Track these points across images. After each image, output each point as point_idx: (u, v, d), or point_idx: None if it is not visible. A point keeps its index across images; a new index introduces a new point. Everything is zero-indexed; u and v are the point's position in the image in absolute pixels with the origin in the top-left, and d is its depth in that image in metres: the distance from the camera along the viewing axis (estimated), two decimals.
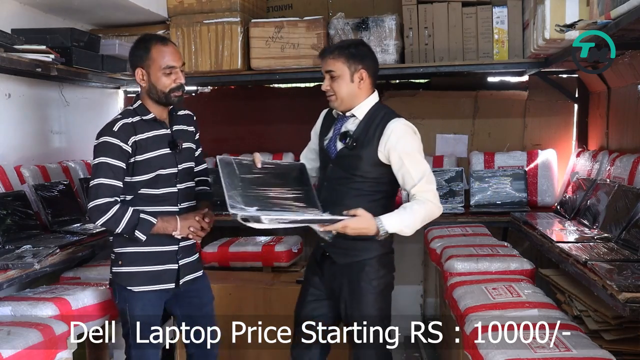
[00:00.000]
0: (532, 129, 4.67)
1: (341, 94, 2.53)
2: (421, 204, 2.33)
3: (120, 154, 2.46)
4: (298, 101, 4.97)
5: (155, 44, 2.52)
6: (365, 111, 2.52)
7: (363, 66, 2.52)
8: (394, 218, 2.33)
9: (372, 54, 2.60)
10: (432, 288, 4.81)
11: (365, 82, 2.53)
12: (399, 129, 2.42)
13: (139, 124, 2.52)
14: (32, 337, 2.22)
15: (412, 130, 2.45)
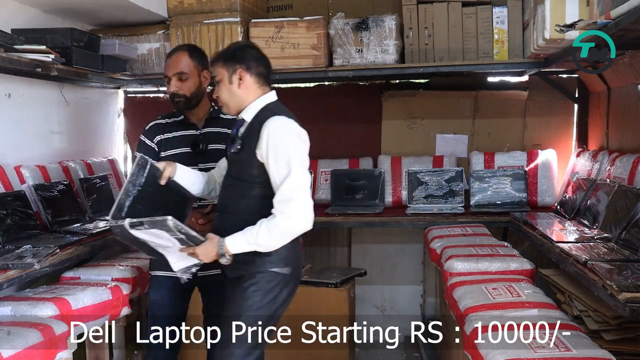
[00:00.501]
0: (532, 129, 4.66)
1: (223, 98, 2.43)
2: (269, 220, 2.24)
3: (147, 149, 2.76)
4: (298, 101, 4.96)
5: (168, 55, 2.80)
6: (254, 113, 2.42)
7: (241, 67, 2.40)
8: (237, 237, 2.27)
9: (256, 54, 2.48)
10: (432, 288, 4.80)
11: (247, 83, 2.41)
12: (272, 126, 2.31)
13: (170, 124, 2.82)
14: (32, 337, 2.22)
15: (287, 129, 2.33)
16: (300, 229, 2.29)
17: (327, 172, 4.63)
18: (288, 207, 2.24)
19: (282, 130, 2.32)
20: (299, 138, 2.34)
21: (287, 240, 2.31)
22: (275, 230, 2.25)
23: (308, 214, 2.27)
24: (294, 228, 2.28)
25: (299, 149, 2.32)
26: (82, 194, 3.82)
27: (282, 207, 2.24)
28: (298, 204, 2.24)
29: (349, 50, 4.04)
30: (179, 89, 2.74)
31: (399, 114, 4.77)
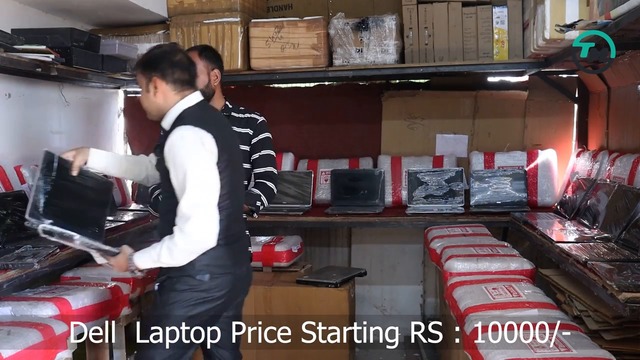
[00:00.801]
0: (532, 129, 4.66)
1: (144, 106, 2.42)
2: (170, 239, 2.22)
3: None
4: (298, 101, 4.97)
5: None
6: (171, 122, 2.36)
7: (156, 74, 2.34)
8: (145, 254, 2.28)
9: (167, 57, 2.36)
10: (432, 288, 4.80)
11: (162, 90, 2.35)
12: (173, 138, 2.24)
13: None
14: (32, 337, 2.22)
15: (186, 141, 2.23)
16: (200, 248, 2.24)
17: (327, 172, 4.64)
18: (186, 225, 2.18)
19: (181, 142, 2.23)
20: (202, 147, 2.23)
21: (191, 257, 2.25)
22: (174, 249, 2.21)
23: (206, 232, 2.21)
24: (193, 248, 2.23)
25: (198, 161, 2.22)
26: None
27: (181, 225, 2.19)
28: (195, 222, 2.18)
29: (349, 50, 4.04)
30: None
31: (399, 114, 4.77)
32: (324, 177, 4.67)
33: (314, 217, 4.27)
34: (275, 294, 3.76)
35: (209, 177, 2.24)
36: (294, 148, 4.87)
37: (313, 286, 3.73)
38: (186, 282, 2.32)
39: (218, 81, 2.87)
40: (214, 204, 2.24)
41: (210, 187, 2.24)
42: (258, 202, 2.85)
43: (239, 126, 2.90)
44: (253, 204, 2.83)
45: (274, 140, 3.68)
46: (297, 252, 4.19)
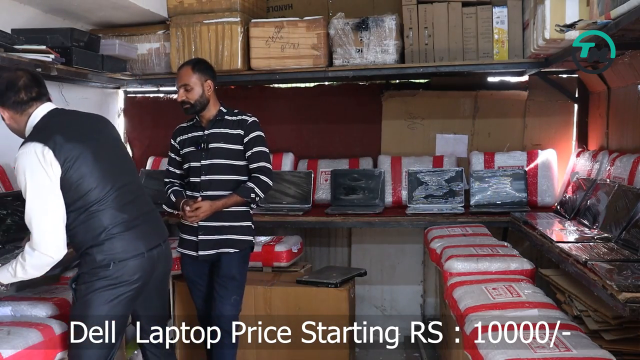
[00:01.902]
0: (532, 129, 4.66)
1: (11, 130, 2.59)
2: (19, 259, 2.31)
3: (172, 148, 3.37)
4: (298, 101, 4.97)
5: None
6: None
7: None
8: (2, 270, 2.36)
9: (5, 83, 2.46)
10: (432, 288, 4.80)
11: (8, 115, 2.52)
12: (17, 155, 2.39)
13: (188, 127, 3.32)
14: (32, 337, 2.22)
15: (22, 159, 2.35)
16: (44, 261, 2.29)
17: (327, 172, 4.64)
18: (31, 240, 2.28)
19: (18, 160, 2.34)
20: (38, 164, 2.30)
21: (43, 270, 2.32)
22: (25, 264, 2.29)
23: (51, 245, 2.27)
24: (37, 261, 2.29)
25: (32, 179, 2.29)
26: None
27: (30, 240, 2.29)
28: (37, 239, 2.26)
29: (349, 50, 4.04)
30: (185, 98, 3.19)
31: (399, 114, 4.77)
32: (324, 177, 4.67)
33: (314, 217, 4.27)
34: (275, 294, 3.76)
35: (44, 197, 2.29)
36: (294, 148, 4.87)
37: (313, 286, 3.73)
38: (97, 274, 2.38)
39: (211, 90, 3.25)
40: (54, 220, 2.29)
41: (46, 206, 2.29)
42: (252, 194, 3.19)
43: (232, 128, 3.24)
44: (247, 196, 3.20)
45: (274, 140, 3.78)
46: (297, 252, 4.19)
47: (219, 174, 3.23)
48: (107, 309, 2.41)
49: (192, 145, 3.25)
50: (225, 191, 3.22)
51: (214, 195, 3.20)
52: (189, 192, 3.29)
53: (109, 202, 2.41)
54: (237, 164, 3.26)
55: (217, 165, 3.22)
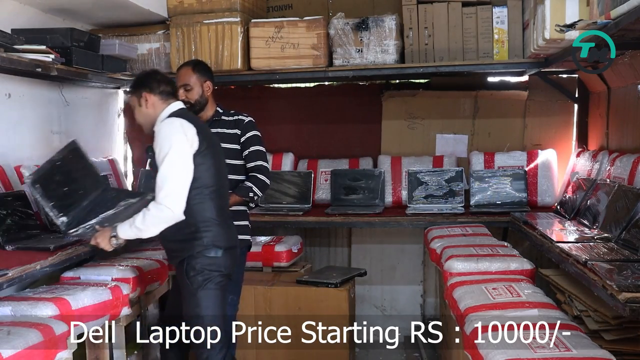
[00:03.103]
0: (532, 129, 4.66)
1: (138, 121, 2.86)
2: (144, 211, 2.55)
3: None
4: (298, 101, 4.97)
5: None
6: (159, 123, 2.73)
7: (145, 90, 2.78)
8: (124, 224, 2.62)
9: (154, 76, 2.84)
10: (432, 288, 4.80)
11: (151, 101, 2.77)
12: (161, 124, 2.66)
13: None
14: (32, 337, 2.22)
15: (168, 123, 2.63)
16: (166, 216, 2.54)
17: (327, 172, 4.64)
18: (158, 195, 2.53)
19: (166, 127, 2.63)
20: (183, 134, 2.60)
21: (160, 227, 2.58)
22: (147, 214, 2.55)
23: (174, 203, 2.52)
24: (161, 215, 2.54)
25: (177, 143, 2.57)
26: None
27: (156, 196, 2.54)
28: (165, 193, 2.52)
29: (349, 50, 4.04)
30: (185, 97, 3.15)
31: (399, 114, 4.77)
32: (324, 177, 4.67)
33: (314, 217, 4.27)
34: (275, 294, 3.76)
35: (183, 159, 2.58)
36: (294, 148, 4.87)
37: (313, 286, 3.73)
38: (202, 262, 2.65)
39: (210, 91, 3.25)
40: (184, 182, 2.57)
41: (183, 168, 2.57)
42: (250, 193, 3.18)
43: (228, 128, 3.24)
44: (246, 195, 3.17)
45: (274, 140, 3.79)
46: (297, 252, 4.19)
47: None
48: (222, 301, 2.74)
49: None
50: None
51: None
52: None
53: (216, 195, 2.71)
54: (234, 164, 3.24)
55: None
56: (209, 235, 2.67)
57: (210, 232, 2.67)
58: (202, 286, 2.67)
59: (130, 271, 3.23)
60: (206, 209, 2.67)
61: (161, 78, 2.83)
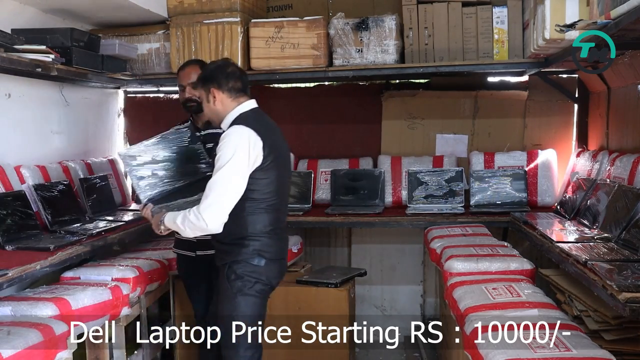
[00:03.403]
0: (532, 129, 4.66)
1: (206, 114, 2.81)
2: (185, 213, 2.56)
3: None
4: (298, 101, 4.97)
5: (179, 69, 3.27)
6: (229, 123, 2.70)
7: (213, 85, 2.70)
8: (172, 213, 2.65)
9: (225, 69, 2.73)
10: (432, 288, 4.80)
11: (219, 98, 2.70)
12: (229, 131, 2.61)
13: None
14: (32, 337, 2.22)
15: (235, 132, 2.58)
16: (202, 227, 2.53)
17: (327, 172, 4.63)
18: (203, 203, 2.53)
19: (232, 136, 2.57)
20: (248, 146, 2.55)
21: (195, 232, 2.58)
22: (188, 217, 2.55)
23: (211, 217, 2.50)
24: (198, 224, 2.53)
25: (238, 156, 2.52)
26: (82, 194, 3.81)
27: (202, 206, 2.52)
28: (209, 203, 2.51)
29: (349, 50, 4.04)
30: (192, 95, 3.14)
31: (399, 114, 4.77)
32: (324, 177, 4.67)
33: (314, 217, 4.27)
34: (275, 294, 3.73)
35: (238, 175, 2.54)
36: (294, 148, 4.83)
37: (313, 286, 3.73)
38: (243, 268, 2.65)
39: None
40: (230, 198, 2.54)
41: (234, 183, 2.54)
42: None
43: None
44: None
45: None
46: (297, 252, 4.19)
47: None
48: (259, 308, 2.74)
49: None
50: None
51: None
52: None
53: (272, 209, 2.69)
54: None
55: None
56: (256, 244, 2.66)
57: (257, 242, 2.66)
58: (241, 291, 2.67)
59: (130, 271, 3.23)
60: (258, 221, 2.66)
61: (231, 72, 2.73)
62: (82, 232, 3.33)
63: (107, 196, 4.04)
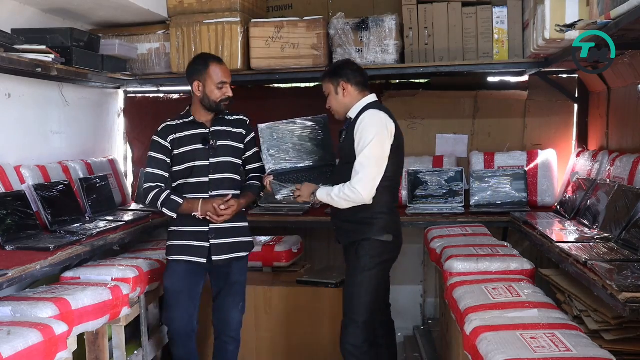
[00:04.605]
0: (532, 129, 4.66)
1: (333, 107, 3.09)
2: (340, 188, 2.85)
3: (162, 148, 3.15)
4: (298, 101, 4.97)
5: (212, 62, 3.13)
6: (357, 111, 2.97)
7: (343, 79, 3.01)
8: (324, 189, 2.95)
9: (351, 66, 3.08)
10: (432, 288, 4.81)
11: (349, 91, 3.01)
12: (365, 114, 2.88)
13: (180, 125, 3.17)
14: (32, 337, 2.21)
15: (372, 115, 2.86)
16: (356, 198, 2.83)
17: None
18: (355, 178, 2.82)
19: (370, 118, 2.86)
20: (385, 127, 2.85)
21: (348, 204, 2.87)
22: (342, 191, 2.84)
23: (366, 188, 2.81)
24: (352, 197, 2.83)
25: (379, 135, 2.82)
26: (82, 194, 3.81)
27: (353, 178, 2.83)
28: (361, 178, 2.80)
29: (349, 50, 4.04)
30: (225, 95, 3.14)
31: (399, 114, 4.70)
32: None
33: (314, 217, 4.27)
34: (275, 294, 3.77)
35: (382, 150, 2.85)
36: None
37: (313, 286, 3.73)
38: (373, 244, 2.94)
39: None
40: (378, 172, 2.84)
41: (380, 158, 2.85)
42: (261, 193, 3.34)
43: (234, 127, 3.24)
44: (258, 195, 3.32)
45: None
46: (297, 252, 4.19)
47: (226, 172, 3.18)
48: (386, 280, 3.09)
49: (195, 143, 3.14)
50: (233, 190, 3.19)
51: (223, 194, 3.14)
52: (189, 194, 3.13)
53: (393, 188, 3.03)
54: (238, 163, 3.25)
55: (224, 164, 3.18)
56: (381, 222, 2.94)
57: (382, 220, 2.94)
58: (371, 266, 2.93)
59: (130, 271, 3.23)
60: (382, 199, 2.93)
61: (357, 69, 3.07)
62: (82, 232, 3.33)
63: (107, 196, 4.04)
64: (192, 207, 3.08)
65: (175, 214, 3.12)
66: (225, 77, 3.13)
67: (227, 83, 3.14)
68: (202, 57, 3.23)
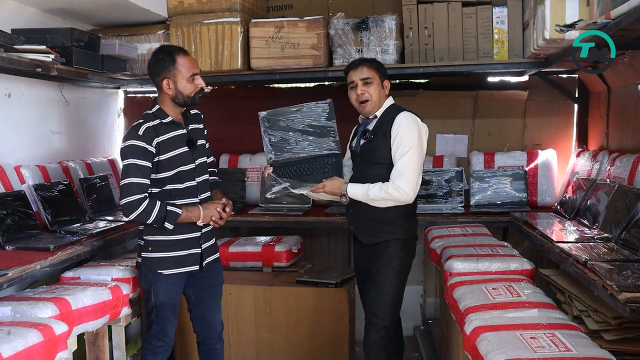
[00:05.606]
0: (532, 129, 4.66)
1: (374, 97, 3.03)
2: (381, 186, 2.85)
3: (147, 154, 2.75)
4: (298, 101, 4.94)
5: (178, 54, 2.82)
6: (383, 109, 3.04)
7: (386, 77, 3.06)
8: (357, 186, 2.91)
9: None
10: (432, 288, 4.80)
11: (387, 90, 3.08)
12: (401, 117, 2.93)
13: (159, 126, 2.82)
14: (32, 337, 2.21)
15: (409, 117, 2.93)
16: (400, 197, 2.85)
17: None
18: (399, 179, 2.83)
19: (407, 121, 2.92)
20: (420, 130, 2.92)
21: (388, 203, 2.88)
22: (384, 189, 2.84)
23: (410, 189, 2.84)
24: (396, 195, 2.84)
25: (419, 137, 2.89)
26: (82, 194, 3.82)
27: (395, 178, 2.84)
28: (406, 178, 2.83)
29: (349, 50, 4.04)
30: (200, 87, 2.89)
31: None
32: None
33: (314, 217, 4.27)
34: (275, 294, 3.76)
35: (423, 153, 2.93)
36: None
37: (313, 286, 3.73)
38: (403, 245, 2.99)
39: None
40: (419, 174, 2.90)
41: (420, 159, 2.91)
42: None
43: (197, 123, 3.03)
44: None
45: None
46: (297, 252, 4.19)
47: (205, 173, 3.01)
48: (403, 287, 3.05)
49: (179, 146, 2.85)
50: (208, 192, 3.02)
51: (207, 197, 2.99)
52: (181, 200, 2.87)
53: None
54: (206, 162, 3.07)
55: (203, 165, 3.00)
56: (407, 224, 3.00)
57: (407, 222, 3.01)
58: (401, 268, 2.98)
59: (130, 271, 3.23)
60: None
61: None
62: (82, 232, 3.33)
63: (107, 196, 4.04)
64: (191, 216, 2.83)
65: (174, 225, 2.82)
66: (195, 67, 2.85)
67: (198, 73, 2.86)
68: (164, 51, 2.87)
